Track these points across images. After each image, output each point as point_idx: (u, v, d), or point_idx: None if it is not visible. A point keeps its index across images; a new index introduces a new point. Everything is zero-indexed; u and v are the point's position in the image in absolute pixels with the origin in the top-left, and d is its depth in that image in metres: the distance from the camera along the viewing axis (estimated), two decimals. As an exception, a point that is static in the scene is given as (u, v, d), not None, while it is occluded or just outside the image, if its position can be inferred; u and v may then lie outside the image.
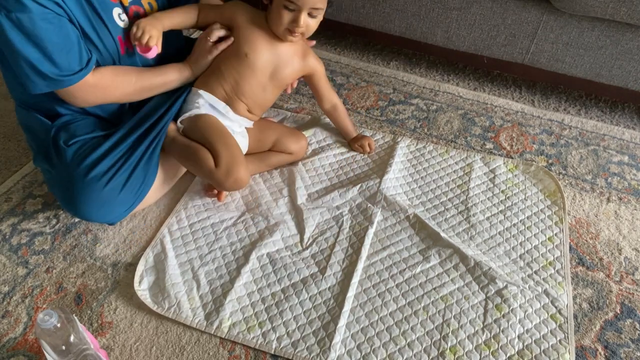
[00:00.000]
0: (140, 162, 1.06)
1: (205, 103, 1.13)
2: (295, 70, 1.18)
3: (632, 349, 0.95)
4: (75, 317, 0.78)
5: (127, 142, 1.06)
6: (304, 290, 1.02)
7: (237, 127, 1.18)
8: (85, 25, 0.95)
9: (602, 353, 0.94)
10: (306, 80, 1.25)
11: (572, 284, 1.04)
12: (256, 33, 1.11)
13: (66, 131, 1.05)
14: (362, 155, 1.33)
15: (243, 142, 1.19)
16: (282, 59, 1.14)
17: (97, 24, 0.97)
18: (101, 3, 0.96)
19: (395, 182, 1.24)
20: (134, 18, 1.04)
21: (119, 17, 1.01)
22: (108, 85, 1.01)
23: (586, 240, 1.13)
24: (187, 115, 1.13)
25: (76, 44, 0.93)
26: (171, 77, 1.12)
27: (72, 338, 0.75)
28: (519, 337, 0.94)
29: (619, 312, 1.00)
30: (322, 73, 1.23)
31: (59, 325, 0.72)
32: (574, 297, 1.02)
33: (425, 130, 1.43)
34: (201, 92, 1.14)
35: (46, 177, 1.11)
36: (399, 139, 1.36)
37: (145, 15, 1.06)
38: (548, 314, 0.98)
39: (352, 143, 1.34)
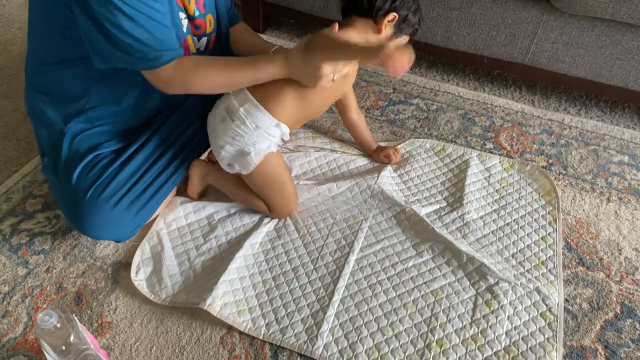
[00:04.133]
0: (154, 183, 1.05)
1: (279, 135, 1.04)
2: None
3: (632, 349, 0.95)
4: (75, 317, 0.78)
5: (138, 160, 1.05)
6: (294, 278, 1.03)
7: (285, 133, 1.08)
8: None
9: (602, 353, 0.94)
10: None
11: (572, 283, 1.04)
12: None
13: (78, 142, 1.04)
14: (359, 154, 1.32)
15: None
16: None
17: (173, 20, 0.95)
18: (174, 4, 0.94)
19: (391, 179, 1.25)
20: (195, 30, 1.03)
21: (182, 22, 0.99)
22: (187, 73, 0.93)
23: (586, 240, 1.13)
24: (261, 154, 1.03)
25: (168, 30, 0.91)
26: (264, 74, 0.96)
27: (72, 338, 0.75)
28: (506, 333, 0.95)
29: (619, 312, 1.00)
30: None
31: (59, 325, 0.72)
32: (574, 297, 1.02)
33: (426, 130, 1.43)
34: (283, 126, 1.03)
35: (52, 189, 1.09)
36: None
37: (204, 29, 1.05)
38: (538, 311, 0.98)
39: (375, 155, 1.29)
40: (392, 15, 0.99)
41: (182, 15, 0.99)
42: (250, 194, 1.12)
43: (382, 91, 1.57)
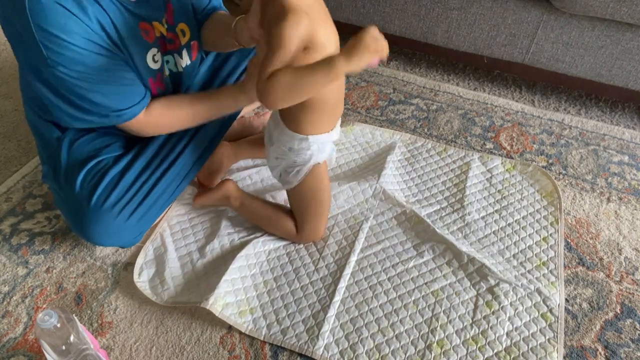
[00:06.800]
0: (154, 189, 1.03)
1: (317, 148, 0.95)
2: None
3: (632, 349, 0.95)
4: (75, 317, 0.78)
5: (139, 167, 1.03)
6: (295, 279, 1.03)
7: (336, 134, 1.01)
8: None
9: (602, 353, 0.94)
10: None
11: (572, 283, 1.04)
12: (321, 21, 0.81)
13: (77, 148, 1.03)
14: (360, 153, 1.32)
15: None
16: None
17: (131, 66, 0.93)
18: (136, 47, 0.92)
19: (392, 178, 1.25)
20: (170, 44, 1.00)
21: (153, 59, 0.96)
22: (158, 121, 0.98)
23: (586, 240, 1.13)
24: (305, 170, 0.97)
25: (128, 85, 0.91)
26: (226, 104, 1.01)
27: (72, 338, 0.75)
28: (507, 334, 0.95)
29: (619, 312, 1.00)
30: None
31: (59, 325, 0.72)
32: (574, 297, 1.02)
33: (425, 130, 1.43)
34: (311, 139, 0.93)
35: (54, 197, 1.07)
36: (397, 136, 1.37)
37: (179, 42, 1.01)
38: (539, 312, 0.98)
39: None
40: None
41: (154, 52, 0.96)
42: (278, 212, 1.08)
43: (382, 91, 1.57)
